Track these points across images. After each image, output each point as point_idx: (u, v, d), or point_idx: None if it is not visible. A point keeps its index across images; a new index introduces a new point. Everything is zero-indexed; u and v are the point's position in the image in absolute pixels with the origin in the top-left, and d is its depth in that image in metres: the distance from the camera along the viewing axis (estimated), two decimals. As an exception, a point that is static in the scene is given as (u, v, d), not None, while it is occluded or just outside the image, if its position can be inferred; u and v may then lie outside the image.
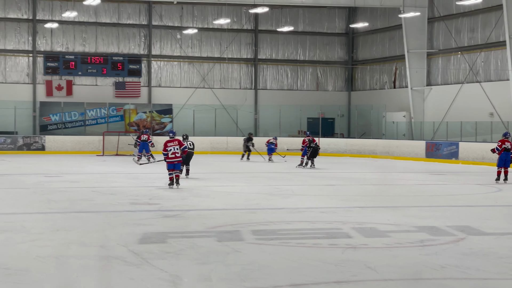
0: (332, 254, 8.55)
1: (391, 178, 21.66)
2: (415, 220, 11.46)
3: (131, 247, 8.80)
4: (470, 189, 17.93)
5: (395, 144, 32.88)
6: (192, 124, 37.05)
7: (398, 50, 37.16)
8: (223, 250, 8.68)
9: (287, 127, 38.11)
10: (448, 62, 34.22)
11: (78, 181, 18.61)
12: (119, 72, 37.55)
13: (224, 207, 13.38)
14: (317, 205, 13.60)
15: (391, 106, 37.02)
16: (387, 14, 37.86)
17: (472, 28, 32.62)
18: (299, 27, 40.21)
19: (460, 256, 8.45)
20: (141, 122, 36.65)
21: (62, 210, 12.62)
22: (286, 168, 25.49)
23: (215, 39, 39.24)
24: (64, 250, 8.65)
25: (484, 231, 10.41)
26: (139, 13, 37.97)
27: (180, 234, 9.89)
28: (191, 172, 20.18)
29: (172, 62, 38.85)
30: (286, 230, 10.43)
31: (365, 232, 10.15)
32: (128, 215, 11.93)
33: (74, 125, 36.29)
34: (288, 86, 40.64)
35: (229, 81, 39.67)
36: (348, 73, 41.44)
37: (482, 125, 30.43)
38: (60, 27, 36.68)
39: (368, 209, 13.10)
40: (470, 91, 32.31)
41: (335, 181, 19.89)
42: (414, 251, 8.86)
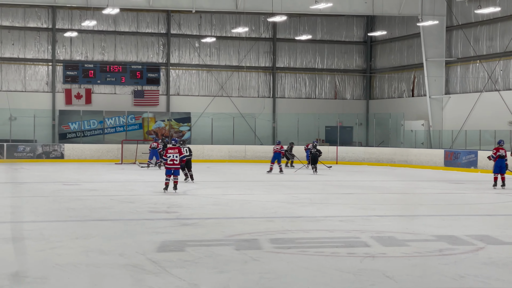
0: (351, 263, 8.53)
1: (409, 186, 21.57)
2: (434, 229, 11.41)
3: (149, 255, 8.83)
4: (489, 198, 17.81)
5: (414, 152, 32.75)
6: (210, 132, 37.12)
7: (417, 58, 37.06)
8: (241, 259, 8.68)
9: (305, 136, 38.04)
10: (467, 71, 34.07)
11: (97, 189, 18.70)
12: (137, 81, 37.73)
13: (242, 215, 13.39)
14: (335, 214, 13.58)
15: (409, 114, 36.89)
16: (405, 23, 37.78)
17: (491, 37, 32.47)
18: (317, 35, 40.23)
19: (480, 266, 8.40)
20: (160, 131, 36.78)
21: (81, 218, 12.68)
22: (304, 177, 25.45)
23: (233, 48, 39.34)
24: (83, 258, 8.70)
25: (503, 240, 10.34)
26: (157, 22, 38.17)
27: (198, 243, 9.91)
28: (209, 180, 20.20)
29: (190, 71, 38.99)
30: (304, 239, 10.41)
31: (384, 241, 10.12)
32: (146, 223, 11.96)
33: (92, 133, 36.48)
34: (306, 95, 40.63)
35: (247, 90, 39.73)
36: (366, 82, 41.37)
37: (501, 133, 30.22)
38: (80, 36, 36.94)
39: (387, 218, 13.05)
40: (489, 100, 32.14)
41: (354, 190, 19.83)
42: (433, 260, 8.81)
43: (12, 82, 36.31)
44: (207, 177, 24.33)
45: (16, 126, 35.32)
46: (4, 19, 35.98)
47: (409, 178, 25.28)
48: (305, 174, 26.63)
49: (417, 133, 35.41)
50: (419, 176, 26.07)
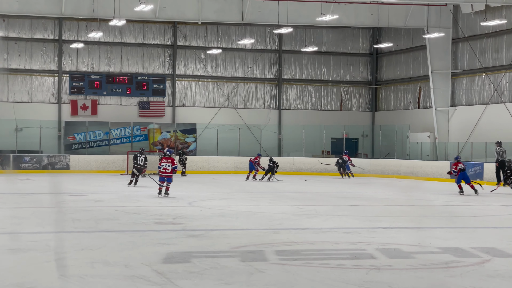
0: (356, 275, 8.51)
1: (415, 198, 21.54)
2: (440, 241, 11.38)
3: (155, 266, 8.83)
4: (495, 210, 17.77)
5: (419, 164, 32.71)
6: (216, 143, 37.15)
7: (422, 70, 37.08)
8: (247, 270, 8.68)
9: (311, 147, 38.06)
10: (473, 83, 34.06)
11: (103, 200, 18.72)
12: (143, 92, 37.82)
13: (248, 227, 13.39)
14: (341, 226, 13.56)
15: (415, 126, 36.87)
16: (411, 35, 37.82)
17: (497, 49, 32.48)
18: (323, 47, 40.30)
19: (486, 278, 8.37)
20: (165, 142, 36.83)
21: (86, 229, 12.69)
22: (310, 188, 25.45)
23: (239, 59, 39.42)
24: (89, 269, 8.70)
25: (509, 253, 10.31)
26: (164, 34, 38.29)
27: (204, 254, 9.90)
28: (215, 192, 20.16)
29: (196, 82, 39.07)
30: (310, 251, 10.40)
31: (389, 253, 10.10)
32: (152, 234, 11.97)
33: (98, 144, 36.55)
34: (312, 106, 40.66)
35: (253, 101, 39.78)
36: (372, 93, 41.38)
37: (507, 146, 30.16)
38: (86, 47, 37.08)
39: (393, 230, 13.03)
40: (495, 112, 32.10)
41: (359, 202, 19.81)
42: (439, 272, 8.79)
43: (18, 93, 36.43)
44: (212, 188, 24.34)
45: (22, 137, 35.41)
46: (11, 30, 36.14)
47: (415, 190, 25.23)
48: (310, 186, 26.64)
49: (423, 145, 35.36)
50: (425, 188, 26.02)
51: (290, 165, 35.63)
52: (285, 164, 35.73)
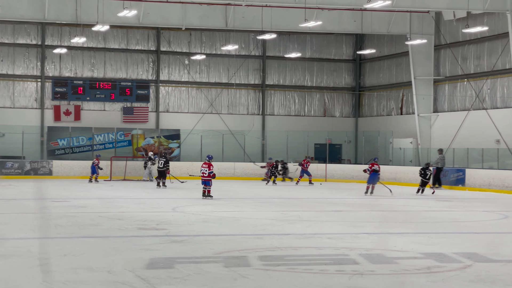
0: (339, 280, 8.55)
1: (398, 204, 21.63)
2: (422, 247, 11.45)
3: (138, 272, 8.83)
4: (476, 216, 17.90)
5: (402, 170, 32.85)
6: (200, 149, 37.12)
7: (405, 76, 37.27)
8: (230, 276, 8.69)
9: (294, 153, 38.12)
10: (455, 89, 34.29)
11: (86, 206, 18.66)
12: (127, 97, 37.74)
13: (231, 232, 13.40)
14: (324, 231, 13.60)
15: (398, 132, 37.05)
16: (394, 41, 38.03)
17: (478, 56, 32.73)
18: (306, 53, 40.42)
19: (467, 284, 8.44)
20: (149, 147, 36.76)
21: (69, 235, 12.65)
22: (294, 194, 25.50)
23: (223, 65, 39.45)
24: (71, 275, 8.68)
25: (491, 258, 10.39)
26: (147, 39, 38.25)
27: (187, 260, 9.90)
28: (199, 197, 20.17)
29: (180, 88, 39.05)
30: (293, 256, 10.43)
31: (372, 259, 10.15)
32: (135, 240, 11.95)
33: (81, 150, 36.42)
34: (295, 112, 40.74)
35: (237, 107, 39.81)
36: (355, 99, 41.54)
37: (489, 152, 30.41)
38: (69, 53, 36.97)
39: (375, 235, 13.09)
40: (477, 118, 32.33)
41: (343, 207, 19.87)
42: (421, 278, 8.85)
43: (0, 98, 36.24)
44: (196, 194, 24.33)
45: (4, 143, 35.24)
46: (-6, 35, 36.00)
47: (398, 195, 25.34)
48: (294, 192, 26.71)
49: (406, 151, 35.54)
50: (407, 194, 26.14)
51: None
52: (268, 169, 35.74)
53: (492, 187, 27.82)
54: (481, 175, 28.71)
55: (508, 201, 23.05)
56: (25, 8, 30.75)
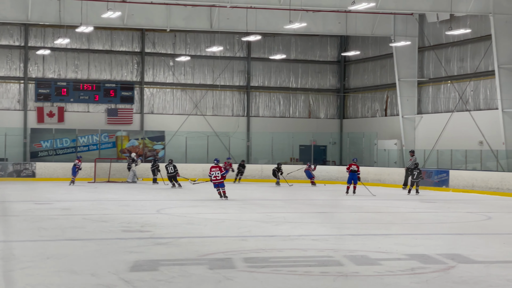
0: (324, 282, 8.56)
1: (382, 205, 21.70)
2: (406, 248, 11.49)
3: (122, 275, 8.79)
4: (460, 217, 17.99)
5: (387, 171, 32.96)
6: (185, 151, 37.06)
7: (389, 78, 37.41)
8: (215, 278, 8.68)
9: (279, 155, 38.17)
10: (438, 91, 34.45)
11: (69, 208, 18.56)
12: (111, 99, 37.61)
13: (216, 234, 13.38)
14: (309, 233, 13.61)
15: (382, 134, 37.17)
16: (378, 43, 38.17)
17: (462, 58, 32.91)
18: (291, 55, 40.46)
19: (451, 285, 8.47)
20: (133, 149, 36.63)
21: (52, 237, 12.58)
22: (278, 196, 25.51)
23: (208, 67, 39.42)
24: (54, 278, 8.63)
25: (474, 259, 10.44)
26: (132, 41, 38.15)
27: (172, 262, 9.88)
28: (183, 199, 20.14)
29: (164, 89, 38.97)
30: (278, 258, 10.43)
31: (357, 260, 10.17)
32: (119, 242, 11.90)
33: (65, 151, 36.24)
34: (280, 114, 40.77)
35: (222, 108, 39.78)
36: (340, 101, 41.64)
37: (472, 153, 30.58)
38: (52, 54, 36.79)
39: (360, 237, 13.12)
40: (460, 120, 32.50)
41: (327, 209, 19.90)
42: (405, 279, 8.87)
43: (-16, 100, 36.03)
44: (181, 195, 24.28)
45: (-13, 145, 35.01)
46: (-23, 36, 35.79)
47: (382, 197, 25.41)
48: (278, 193, 26.72)
49: (390, 152, 35.66)
50: (392, 195, 26.23)
51: (259, 172, 35.68)
52: (253, 171, 35.80)
53: (475, 188, 27.96)
54: (465, 177, 28.85)
55: (491, 202, 23.18)
56: (8, 9, 30.58)
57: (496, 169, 29.18)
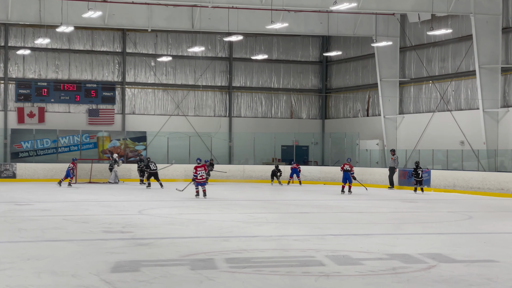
0: (305, 282, 8.56)
1: (364, 205, 21.75)
2: (388, 248, 11.52)
3: (103, 275, 8.74)
4: (441, 217, 18.07)
5: (368, 171, 33.05)
6: (166, 151, 36.96)
7: (371, 78, 37.53)
8: (197, 279, 8.65)
9: (262, 155, 38.18)
10: (420, 91, 34.61)
11: (50, 209, 18.45)
12: (92, 99, 37.44)
13: (198, 235, 13.35)
14: (290, 233, 13.61)
15: (364, 134, 37.28)
16: (360, 43, 38.28)
17: (443, 58, 33.08)
18: (273, 55, 40.49)
19: (432, 284, 8.50)
20: (115, 150, 36.47)
21: (33, 239, 12.49)
22: (260, 196, 25.51)
23: (190, 67, 39.35)
24: (35, 279, 8.56)
25: (455, 258, 10.49)
26: (113, 41, 38.00)
27: (153, 263, 9.84)
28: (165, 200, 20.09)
29: (146, 90, 38.85)
30: (260, 258, 10.42)
31: (338, 260, 10.18)
32: (100, 243, 11.84)
33: (46, 152, 36.02)
34: (262, 114, 40.78)
35: (204, 109, 39.73)
36: (322, 101, 41.72)
37: (453, 153, 30.74)
38: (33, 54, 36.57)
39: (342, 237, 13.14)
40: (441, 120, 32.67)
41: (309, 209, 19.92)
42: (387, 278, 8.89)
43: (-37, 100, 35.74)
44: (162, 196, 24.21)
45: (-33, 145, 34.73)
46: (-44, 36, 35.49)
47: (364, 197, 25.49)
48: (260, 194, 26.72)
49: (372, 153, 35.77)
50: (373, 195, 26.30)
51: (241, 172, 35.67)
52: (235, 171, 35.77)
53: (456, 188, 28.12)
54: (446, 176, 29.00)
55: (472, 202, 23.31)
56: (-12, 9, 30.35)
57: (477, 169, 29.36)
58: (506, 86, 29.73)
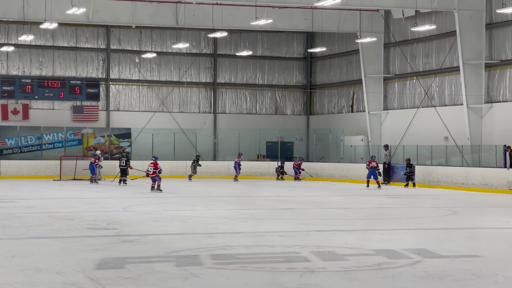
0: (290, 278, 8.58)
1: (349, 201, 21.82)
2: (373, 244, 11.56)
3: (88, 273, 8.72)
4: (426, 212, 18.15)
5: (353, 167, 33.14)
6: (151, 148, 36.86)
7: (356, 74, 37.60)
8: (182, 275, 8.65)
9: (246, 151, 38.16)
10: (404, 87, 34.73)
11: (34, 206, 18.37)
12: (76, 96, 37.27)
13: (183, 231, 13.34)
14: (275, 229, 13.63)
15: (349, 130, 37.36)
16: (344, 39, 38.34)
17: (427, 54, 33.20)
18: (257, 51, 40.47)
19: (417, 279, 8.54)
20: (99, 147, 36.34)
21: (17, 236, 12.43)
22: (245, 192, 25.51)
23: (174, 63, 39.26)
24: (19, 277, 8.53)
25: (439, 253, 10.54)
26: (97, 37, 37.83)
27: (138, 259, 9.82)
28: (150, 196, 20.05)
29: (130, 86, 38.73)
30: (245, 255, 10.43)
31: (323, 256, 10.20)
32: (85, 240, 11.81)
33: (30, 149, 35.83)
34: (247, 110, 40.77)
35: (188, 105, 39.66)
36: (306, 97, 41.76)
37: (438, 148, 30.89)
38: (16, 51, 36.35)
39: (327, 233, 13.17)
40: (426, 116, 32.79)
41: (294, 205, 19.95)
42: (371, 274, 8.93)
43: None
44: (147, 193, 24.16)
45: (-50, 142, 34.48)
46: None
47: (349, 193, 25.57)
48: (245, 190, 26.73)
49: (357, 148, 35.86)
50: (358, 191, 26.38)
51: (226, 169, 35.65)
52: (220, 168, 35.77)
53: (441, 183, 28.26)
54: (430, 172, 29.14)
55: (456, 197, 23.45)
56: (-29, 5, 30.12)
57: (461, 164, 29.52)
58: (489, 81, 29.89)
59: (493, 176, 26.37)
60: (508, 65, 29.06)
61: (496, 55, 29.60)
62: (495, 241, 12.45)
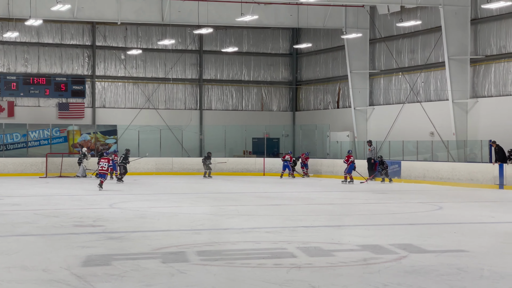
0: (277, 274, 8.59)
1: (335, 197, 21.87)
2: (359, 239, 11.60)
3: (74, 270, 8.70)
4: (412, 208, 18.23)
5: (339, 163, 33.15)
6: (137, 145, 36.77)
7: (341, 70, 37.66)
8: (168, 272, 8.64)
9: (233, 147, 38.18)
10: (390, 83, 34.82)
11: (20, 203, 18.29)
12: (62, 93, 37.11)
13: (169, 228, 13.33)
14: (262, 225, 13.65)
15: (335, 125, 37.43)
16: (330, 35, 38.38)
17: (412, 49, 33.30)
18: (243, 47, 40.45)
19: (403, 274, 8.58)
20: (85, 144, 36.20)
21: (2, 233, 12.37)
22: (232, 189, 25.52)
23: (160, 60, 39.17)
24: (5, 274, 8.49)
25: (425, 248, 10.59)
26: (82, 34, 37.68)
27: (125, 256, 9.81)
28: (136, 193, 20.02)
29: (116, 83, 38.61)
30: (231, 251, 10.44)
31: (310, 252, 10.22)
32: (71, 237, 11.77)
33: (15, 146, 35.63)
34: (233, 107, 40.75)
35: (174, 102, 39.59)
36: (292, 93, 41.79)
37: (423, 144, 31.00)
38: (1, 48, 36.15)
39: (313, 229, 13.20)
40: (411, 111, 32.91)
41: (280, 201, 19.98)
42: (358, 269, 8.96)
43: None
44: (134, 190, 24.12)
45: None
46: None
47: (335, 188, 25.62)
48: (232, 186, 26.74)
49: (343, 144, 35.90)
50: (344, 187, 26.44)
51: (212, 165, 35.60)
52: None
53: (427, 178, 28.37)
54: (416, 167, 29.25)
55: (443, 193, 23.56)
56: (-45, 1, 29.90)
57: (447, 159, 29.65)
58: (475, 77, 30.03)
59: (479, 171, 26.50)
60: (493, 60, 29.22)
61: (481, 51, 29.73)
62: (481, 236, 12.52)
